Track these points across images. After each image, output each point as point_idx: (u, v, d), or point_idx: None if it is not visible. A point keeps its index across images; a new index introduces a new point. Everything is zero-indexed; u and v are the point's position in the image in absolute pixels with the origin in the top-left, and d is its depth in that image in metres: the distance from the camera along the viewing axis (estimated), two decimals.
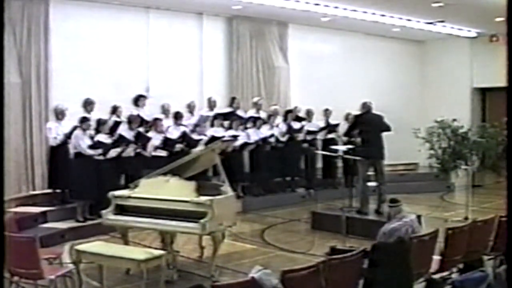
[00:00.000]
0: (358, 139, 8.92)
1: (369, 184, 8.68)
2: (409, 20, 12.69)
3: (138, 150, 9.01)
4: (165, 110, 10.13)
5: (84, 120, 8.42)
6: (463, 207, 9.42)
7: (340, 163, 11.41)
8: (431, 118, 12.04)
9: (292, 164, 11.29)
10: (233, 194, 6.43)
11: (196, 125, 10.07)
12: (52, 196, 8.89)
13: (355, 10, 11.61)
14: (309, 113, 11.72)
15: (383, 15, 12.15)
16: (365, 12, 11.82)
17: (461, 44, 14.52)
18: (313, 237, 8.16)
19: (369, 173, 8.76)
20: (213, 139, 9.43)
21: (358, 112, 9.13)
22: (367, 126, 8.73)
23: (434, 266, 5.11)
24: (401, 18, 12.55)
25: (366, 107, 8.92)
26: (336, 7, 11.32)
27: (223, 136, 9.89)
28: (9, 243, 3.92)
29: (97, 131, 8.56)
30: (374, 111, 8.95)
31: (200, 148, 9.38)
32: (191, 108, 10.56)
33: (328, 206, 9.51)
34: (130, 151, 8.86)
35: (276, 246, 7.79)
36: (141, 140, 9.01)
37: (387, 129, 8.79)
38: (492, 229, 5.61)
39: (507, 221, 2.63)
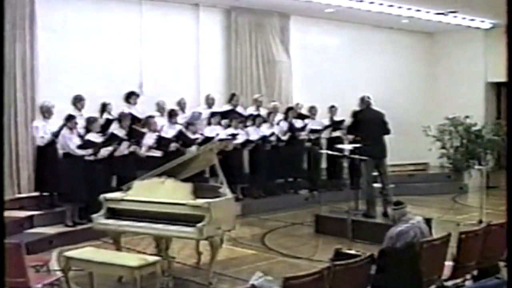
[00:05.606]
0: (358, 138, 8.86)
1: (375, 185, 8.67)
2: (418, 10, 12.68)
3: (132, 149, 8.99)
4: (160, 108, 10.12)
5: (70, 118, 8.38)
6: (477, 209, 9.44)
7: (346, 163, 11.42)
8: (442, 115, 12.09)
9: (294, 165, 11.29)
10: (232, 196, 6.43)
11: (188, 123, 10.03)
12: (39, 200, 8.88)
13: (361, 1, 11.61)
14: (313, 110, 11.72)
15: (390, 6, 12.14)
16: (371, 3, 11.81)
17: (475, 36, 14.51)
18: (317, 242, 8.19)
19: (374, 173, 8.74)
20: (209, 138, 9.44)
21: (357, 109, 9.01)
22: (368, 124, 8.67)
23: (446, 272, 5.11)
24: (409, 9, 12.53)
25: (365, 102, 8.79)
26: None
27: (218, 134, 9.89)
28: None
29: (87, 129, 8.55)
30: (375, 107, 8.85)
31: (195, 148, 9.38)
32: (181, 105, 10.53)
33: (333, 209, 9.50)
34: (123, 150, 8.84)
35: (277, 251, 7.80)
36: (135, 136, 8.99)
37: (387, 131, 8.71)
38: None
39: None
